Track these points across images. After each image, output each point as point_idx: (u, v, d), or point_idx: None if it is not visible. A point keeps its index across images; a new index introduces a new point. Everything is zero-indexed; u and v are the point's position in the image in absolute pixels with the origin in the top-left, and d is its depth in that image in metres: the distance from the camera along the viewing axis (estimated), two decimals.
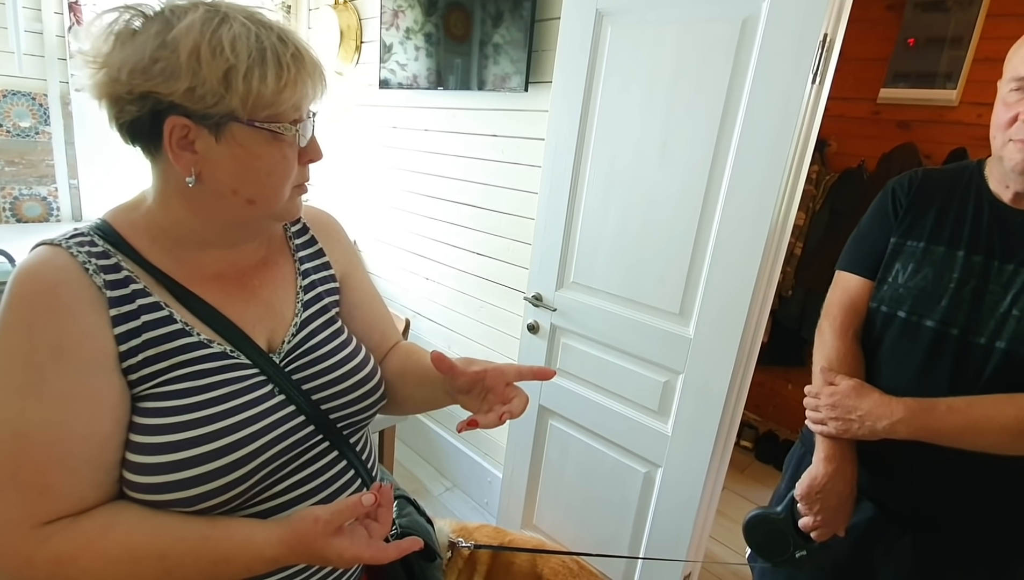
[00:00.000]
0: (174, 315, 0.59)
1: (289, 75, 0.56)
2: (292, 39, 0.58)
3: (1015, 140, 0.82)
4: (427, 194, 2.12)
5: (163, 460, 0.55)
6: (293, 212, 0.66)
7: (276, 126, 0.57)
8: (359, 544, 0.56)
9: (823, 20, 1.10)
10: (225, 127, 0.56)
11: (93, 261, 0.56)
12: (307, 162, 0.64)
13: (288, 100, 0.57)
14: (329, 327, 0.73)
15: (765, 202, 1.22)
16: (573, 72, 1.49)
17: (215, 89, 0.53)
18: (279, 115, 0.57)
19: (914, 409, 0.85)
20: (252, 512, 0.61)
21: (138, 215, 0.62)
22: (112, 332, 0.55)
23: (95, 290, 0.55)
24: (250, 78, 0.54)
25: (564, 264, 1.61)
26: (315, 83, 0.60)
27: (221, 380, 0.60)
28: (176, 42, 0.53)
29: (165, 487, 0.55)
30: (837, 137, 2.37)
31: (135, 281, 0.58)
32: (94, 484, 0.54)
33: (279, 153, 0.59)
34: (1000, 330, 0.83)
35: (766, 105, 1.19)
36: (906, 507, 0.95)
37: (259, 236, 0.70)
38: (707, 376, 1.36)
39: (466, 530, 1.55)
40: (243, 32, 0.54)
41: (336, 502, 0.56)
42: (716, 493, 1.51)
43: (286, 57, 0.56)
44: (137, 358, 0.56)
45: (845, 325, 0.99)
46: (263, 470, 0.60)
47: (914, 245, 0.93)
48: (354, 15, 2.30)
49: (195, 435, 0.56)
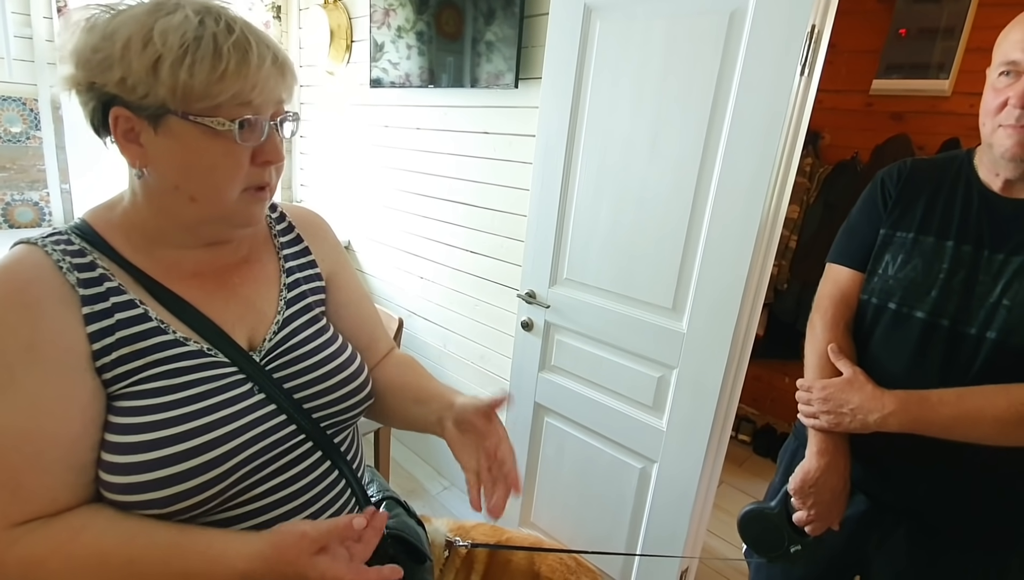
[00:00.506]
0: (149, 313, 0.59)
1: (227, 65, 0.53)
2: (242, 28, 0.55)
3: (1005, 125, 0.81)
4: (420, 193, 2.12)
5: (137, 460, 0.54)
6: (250, 218, 0.63)
7: (211, 120, 0.55)
8: (340, 565, 0.54)
9: (810, 11, 1.10)
10: (162, 119, 0.55)
11: (67, 259, 0.56)
12: (263, 164, 0.60)
13: (226, 91, 0.54)
14: (312, 326, 0.72)
15: (756, 195, 1.22)
16: (562, 68, 1.48)
17: (144, 79, 0.53)
18: (217, 108, 0.55)
19: (905, 401, 0.85)
20: (233, 515, 0.61)
21: (115, 214, 0.62)
22: (85, 330, 0.55)
23: (68, 287, 0.55)
24: (177, 68, 0.52)
25: (557, 261, 1.60)
26: (268, 75, 0.56)
27: (197, 379, 0.59)
28: (115, 33, 0.53)
29: (139, 487, 0.54)
30: (830, 129, 2.36)
31: (110, 279, 0.58)
32: (66, 485, 0.54)
33: (219, 149, 0.56)
34: (990, 320, 0.83)
35: (755, 98, 1.19)
36: (899, 499, 0.94)
37: (223, 241, 0.67)
38: (701, 370, 1.36)
39: (463, 529, 1.55)
40: (182, 22, 0.53)
41: (326, 521, 0.55)
42: (712, 488, 1.51)
43: (226, 45, 0.53)
44: (111, 357, 0.56)
45: (836, 318, 0.99)
46: (240, 470, 0.59)
47: (904, 236, 0.93)
48: (344, 14, 2.29)
49: (169, 434, 0.55)
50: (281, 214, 0.78)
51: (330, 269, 0.80)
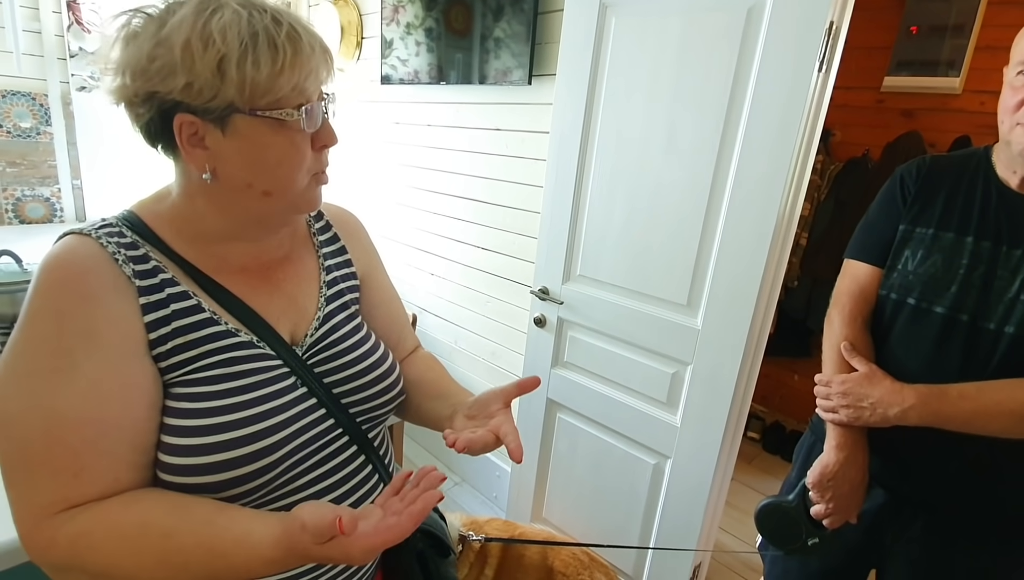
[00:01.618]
0: (202, 304, 0.60)
1: (285, 57, 0.54)
2: (288, 19, 0.56)
3: (1022, 124, 0.81)
4: (431, 190, 2.12)
5: (196, 443, 0.55)
6: (313, 202, 0.66)
7: (278, 113, 0.56)
8: (367, 532, 0.50)
9: (829, 7, 1.10)
10: (229, 120, 0.55)
11: (122, 251, 0.57)
12: (321, 148, 0.63)
13: (287, 83, 0.55)
14: (349, 323, 0.73)
15: (772, 192, 1.22)
16: (577, 64, 1.48)
17: (211, 82, 0.53)
18: (280, 100, 0.56)
19: (925, 395, 0.85)
20: (276, 506, 0.62)
21: (164, 207, 0.62)
22: (142, 320, 0.56)
23: (124, 279, 0.56)
24: (243, 65, 0.53)
25: (570, 257, 1.61)
26: (318, 63, 0.58)
27: (249, 369, 0.60)
28: (169, 38, 0.52)
29: (196, 469, 0.55)
30: (841, 127, 2.36)
31: (163, 270, 0.59)
32: (129, 465, 0.55)
33: (286, 140, 0.58)
34: (1009, 315, 0.83)
35: (772, 94, 1.19)
36: (917, 493, 0.95)
37: (282, 229, 0.69)
38: (715, 367, 1.36)
39: (476, 524, 1.56)
40: (234, 19, 0.53)
41: (323, 514, 0.50)
42: (726, 484, 1.52)
43: (280, 38, 0.54)
44: (167, 346, 0.57)
45: (854, 313, 1.00)
46: (287, 461, 0.61)
47: (923, 232, 0.93)
48: (354, 11, 2.30)
49: (225, 421, 0.56)
50: (319, 213, 0.80)
51: (364, 268, 0.81)
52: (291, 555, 0.52)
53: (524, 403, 1.83)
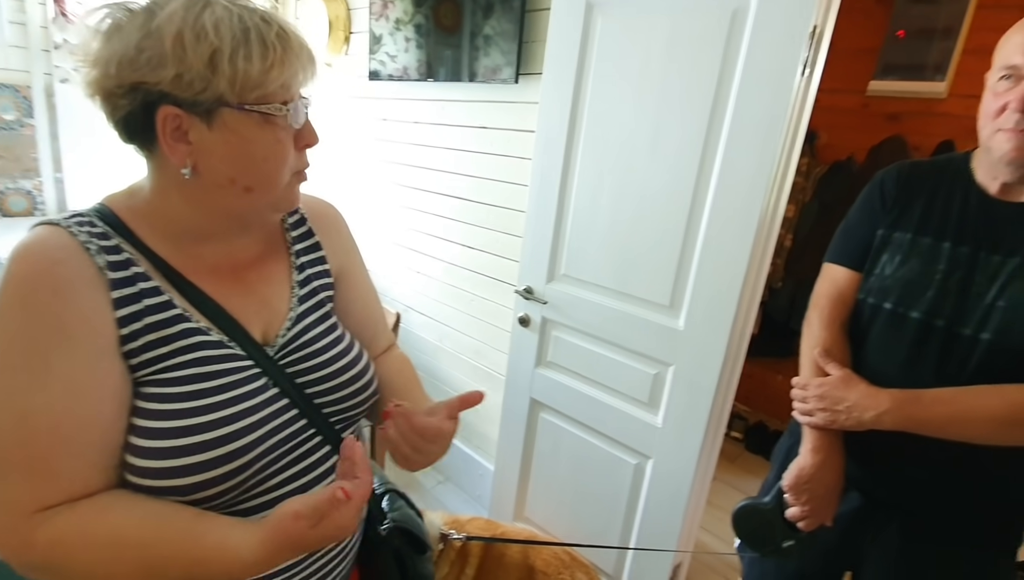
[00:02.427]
0: (174, 301, 0.59)
1: (275, 54, 0.56)
2: (276, 20, 0.58)
3: (1004, 129, 0.81)
4: (417, 187, 2.11)
5: (167, 445, 0.55)
6: (293, 201, 0.66)
7: (266, 107, 0.57)
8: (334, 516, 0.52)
9: (813, 12, 1.10)
10: (216, 113, 0.55)
11: (94, 241, 0.56)
12: (303, 147, 0.64)
13: (276, 80, 0.56)
14: (324, 322, 0.73)
15: (755, 194, 1.22)
16: (563, 64, 1.48)
17: (202, 73, 0.53)
18: (268, 96, 0.57)
19: (900, 400, 0.86)
20: (249, 506, 0.61)
21: (137, 202, 0.62)
22: (114, 314, 0.55)
23: (96, 270, 0.55)
24: (235, 59, 0.53)
25: (555, 257, 1.61)
26: (303, 64, 0.60)
27: (220, 370, 0.60)
28: (160, 30, 0.53)
29: (167, 472, 0.55)
30: (827, 129, 2.38)
31: (135, 264, 0.58)
32: (99, 468, 0.54)
33: (272, 136, 0.59)
34: (986, 321, 0.84)
35: (756, 96, 1.19)
36: (892, 497, 0.96)
37: (260, 227, 0.69)
38: (697, 368, 1.36)
39: (458, 522, 1.55)
40: (225, 15, 0.54)
41: (311, 496, 0.53)
42: (706, 484, 1.52)
43: (271, 36, 0.56)
44: (138, 342, 0.56)
45: (833, 316, 1.00)
46: (259, 462, 0.60)
47: (901, 236, 0.93)
48: (343, 5, 2.28)
49: (197, 422, 0.56)
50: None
51: (341, 264, 0.80)
52: (283, 550, 0.52)
53: (508, 403, 1.83)
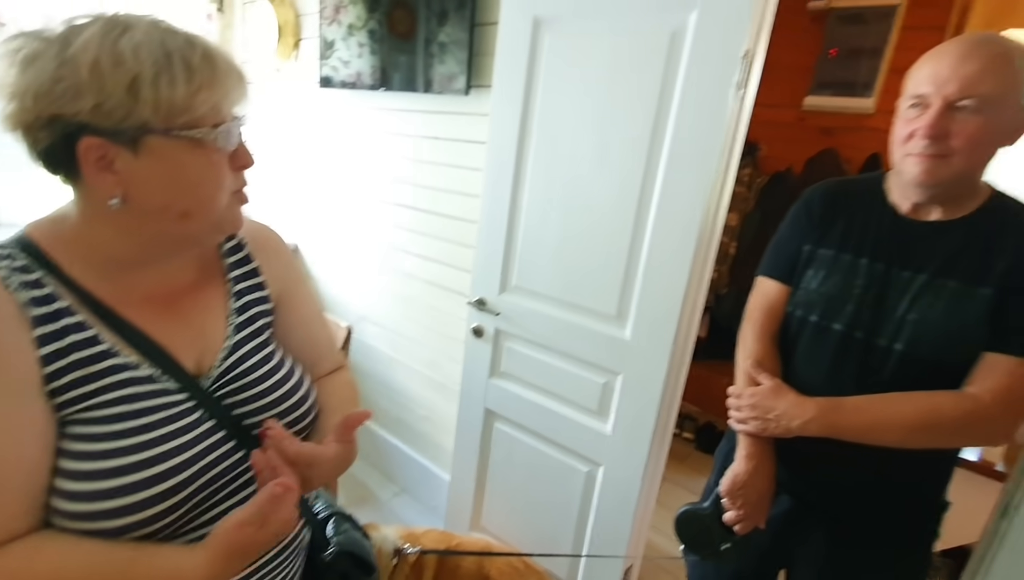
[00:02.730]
0: (99, 336, 0.57)
1: (202, 77, 0.54)
2: (201, 42, 0.56)
3: (912, 154, 0.87)
4: (370, 196, 2.09)
5: (96, 488, 0.53)
6: (236, 222, 0.64)
7: (196, 132, 0.55)
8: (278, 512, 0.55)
9: (746, 36, 1.15)
10: (142, 141, 0.53)
11: (15, 276, 0.54)
12: (239, 168, 0.62)
13: (205, 103, 0.55)
14: (262, 350, 0.71)
15: (695, 206, 1.27)
16: (513, 77, 1.49)
17: (123, 101, 0.51)
18: (197, 120, 0.55)
19: (824, 408, 0.91)
20: (186, 540, 0.60)
21: (64, 229, 0.59)
22: (36, 353, 0.53)
23: (16, 307, 0.53)
24: (158, 84, 0.51)
25: (507, 268, 1.62)
26: (232, 85, 0.58)
27: (151, 406, 0.58)
28: (76, 59, 0.50)
29: (97, 515, 0.53)
30: (767, 142, 2.49)
31: (60, 299, 0.56)
32: (26, 511, 0.52)
33: (205, 160, 0.57)
34: (898, 333, 0.90)
35: (695, 113, 1.24)
36: (820, 499, 1.01)
37: (197, 252, 0.68)
38: (644, 376, 1.40)
39: (413, 535, 1.55)
40: (145, 39, 0.52)
41: (251, 503, 0.55)
42: (654, 489, 1.57)
43: (195, 59, 0.54)
44: (63, 380, 0.54)
45: (764, 328, 1.05)
46: (195, 498, 0.59)
47: (825, 253, 0.99)
48: (291, 10, 2.23)
49: (129, 462, 0.54)
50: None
51: (281, 289, 0.79)
52: (232, 561, 0.54)
53: (463, 413, 1.83)
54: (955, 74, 0.81)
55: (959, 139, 0.82)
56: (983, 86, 0.80)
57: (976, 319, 0.84)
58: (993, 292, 0.84)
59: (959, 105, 0.81)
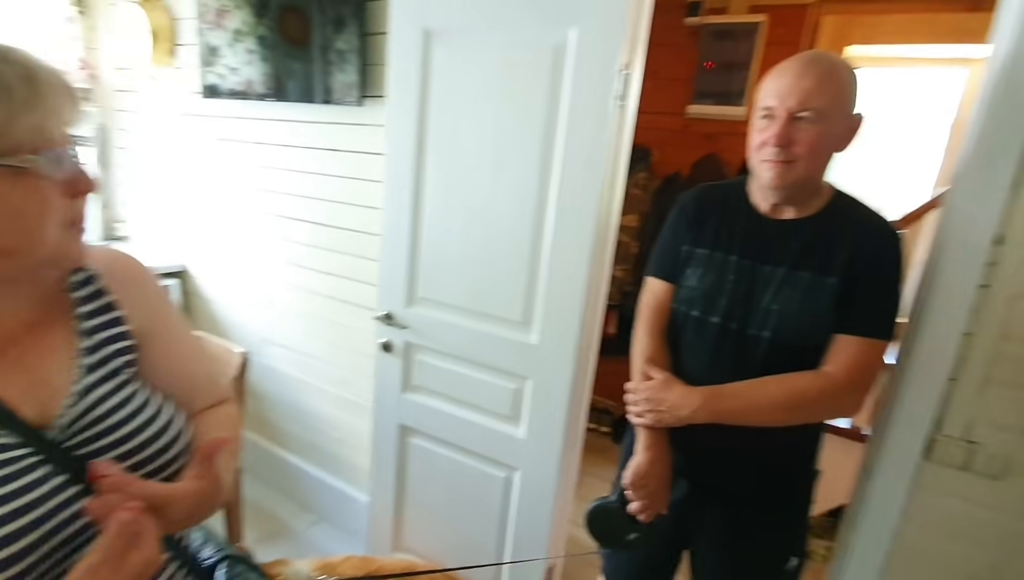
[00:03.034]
0: None
1: (18, 99, 0.49)
2: (22, 59, 0.51)
3: (765, 161, 0.97)
4: (264, 211, 1.98)
5: None
6: (73, 256, 0.59)
7: (15, 160, 0.49)
8: (137, 547, 0.51)
9: (621, 51, 1.22)
10: None
11: None
12: (76, 195, 0.56)
13: (23, 126, 0.49)
14: (120, 391, 0.65)
15: (589, 210, 1.32)
16: (406, 88, 1.48)
17: None
18: (16, 146, 0.49)
19: (707, 396, 0.99)
20: None
21: None
22: None
23: None
24: None
25: (412, 280, 1.60)
26: (60, 105, 0.53)
27: None
28: None
29: None
30: (659, 147, 2.65)
31: None
32: None
33: (27, 189, 0.51)
34: (765, 322, 0.99)
35: (581, 123, 1.29)
36: (713, 480, 1.09)
37: (31, 287, 0.61)
38: (551, 378, 1.44)
39: (329, 565, 1.47)
40: None
41: (102, 540, 0.50)
42: (570, 487, 1.61)
43: (12, 79, 0.49)
44: None
45: (654, 325, 1.12)
46: (47, 561, 0.54)
47: (701, 252, 1.07)
48: (164, 14, 2.07)
49: None
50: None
51: (145, 322, 0.72)
52: None
53: (377, 432, 1.78)
54: (794, 89, 0.91)
55: (801, 146, 0.92)
56: (818, 99, 0.90)
57: (826, 306, 0.95)
58: (839, 281, 0.95)
59: (799, 116, 0.91)
